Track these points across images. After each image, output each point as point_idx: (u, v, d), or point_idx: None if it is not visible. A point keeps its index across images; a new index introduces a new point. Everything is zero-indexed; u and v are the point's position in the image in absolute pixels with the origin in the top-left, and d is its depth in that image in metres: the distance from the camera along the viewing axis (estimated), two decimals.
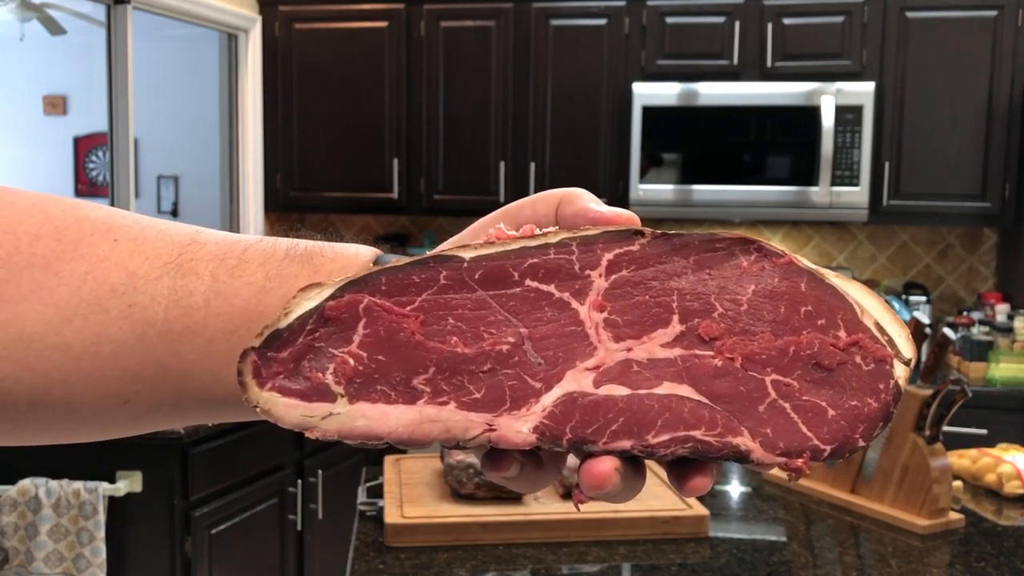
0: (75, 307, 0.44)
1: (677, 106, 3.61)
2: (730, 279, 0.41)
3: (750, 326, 0.41)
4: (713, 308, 0.41)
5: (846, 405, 0.40)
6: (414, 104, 3.86)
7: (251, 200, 3.98)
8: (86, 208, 0.47)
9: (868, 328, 0.41)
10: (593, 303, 0.41)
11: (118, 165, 3.32)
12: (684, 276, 0.41)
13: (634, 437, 0.40)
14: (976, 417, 2.96)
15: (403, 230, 4.30)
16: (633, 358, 0.40)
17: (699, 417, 0.40)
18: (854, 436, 0.40)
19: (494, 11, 3.76)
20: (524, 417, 0.40)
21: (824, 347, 0.41)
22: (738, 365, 0.40)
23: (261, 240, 0.48)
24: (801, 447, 0.40)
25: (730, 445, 0.40)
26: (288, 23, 3.93)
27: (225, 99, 3.99)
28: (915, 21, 3.53)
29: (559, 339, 0.40)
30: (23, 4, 4.31)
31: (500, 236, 0.42)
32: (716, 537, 1.69)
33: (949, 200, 3.56)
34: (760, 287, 0.41)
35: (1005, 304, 3.57)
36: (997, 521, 1.83)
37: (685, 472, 0.42)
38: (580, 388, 0.40)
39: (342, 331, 0.40)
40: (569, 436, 0.40)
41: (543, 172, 3.78)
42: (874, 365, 0.41)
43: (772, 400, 0.40)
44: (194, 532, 2.65)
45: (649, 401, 0.40)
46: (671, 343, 0.41)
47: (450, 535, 1.63)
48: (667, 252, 0.41)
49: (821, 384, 0.40)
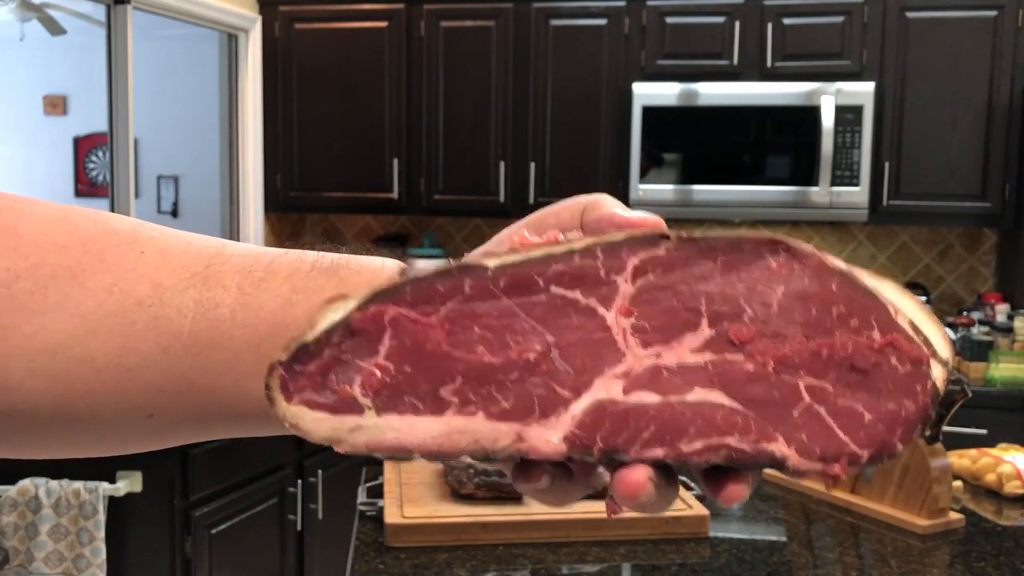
0: (100, 319, 0.44)
1: (677, 106, 3.61)
2: (759, 281, 0.40)
3: (781, 329, 0.40)
4: (743, 311, 0.40)
5: (883, 408, 0.39)
6: (414, 104, 3.86)
7: (251, 200, 3.98)
8: (112, 219, 0.47)
9: (903, 328, 0.40)
10: (620, 309, 0.40)
11: (118, 165, 3.32)
12: (712, 279, 0.40)
13: (667, 445, 0.39)
14: (976, 417, 2.96)
15: (403, 230, 4.30)
16: (663, 364, 0.40)
17: (732, 423, 0.39)
18: (892, 440, 0.39)
19: (494, 11, 3.76)
20: (554, 426, 0.39)
21: (858, 349, 0.40)
22: (770, 369, 0.39)
23: (287, 253, 0.48)
24: (838, 452, 0.39)
25: (765, 452, 0.39)
26: (288, 23, 3.93)
27: (225, 99, 3.99)
28: (915, 21, 3.53)
29: (587, 346, 0.40)
30: (23, 4, 4.31)
31: (524, 243, 0.42)
32: (716, 537, 1.69)
33: (949, 200, 3.56)
34: (790, 288, 0.40)
35: (1005, 304, 3.57)
36: (997, 521, 1.83)
37: (720, 481, 0.41)
38: (610, 396, 0.39)
39: (369, 343, 0.39)
40: (600, 445, 0.39)
41: (543, 172, 3.78)
42: (910, 366, 0.40)
43: (807, 404, 0.39)
44: (194, 532, 2.65)
45: (681, 408, 0.39)
46: (701, 348, 0.40)
47: (450, 535, 1.63)
48: (694, 255, 0.40)
49: (856, 387, 0.39)
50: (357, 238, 4.37)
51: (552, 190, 3.75)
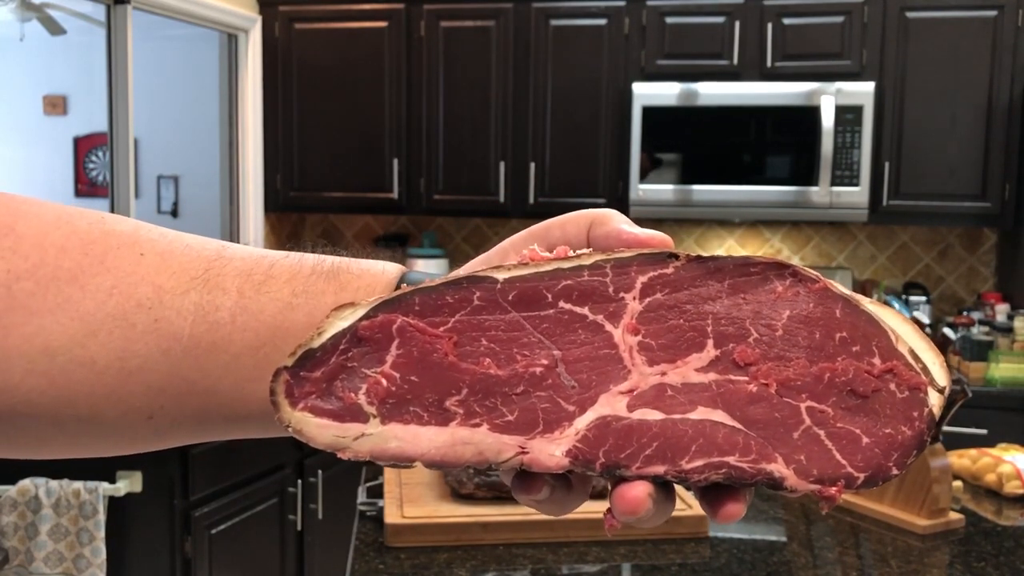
0: (101, 321, 0.44)
1: (677, 106, 3.61)
2: (765, 304, 0.41)
3: (785, 352, 0.41)
4: (748, 333, 0.41)
5: (880, 433, 0.40)
6: (414, 104, 3.86)
7: (251, 200, 3.98)
8: (112, 221, 0.47)
9: (903, 355, 0.41)
10: (627, 326, 0.41)
11: (118, 165, 3.32)
12: (719, 300, 0.41)
13: (668, 462, 0.39)
14: (976, 417, 2.96)
15: (403, 230, 4.30)
16: (667, 382, 0.40)
17: (733, 443, 0.40)
18: (887, 464, 0.40)
19: (494, 11, 3.76)
20: (557, 440, 0.39)
21: (859, 374, 0.40)
22: (773, 391, 0.40)
23: (288, 256, 0.48)
24: (835, 475, 0.40)
25: (764, 471, 0.40)
26: (288, 23, 3.93)
27: (225, 99, 3.99)
28: (915, 21, 3.53)
29: (593, 362, 0.40)
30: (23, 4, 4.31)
31: (534, 257, 0.42)
32: (716, 537, 1.69)
33: (949, 200, 3.56)
34: (795, 312, 0.41)
35: (1005, 304, 3.57)
36: (997, 521, 1.83)
37: (718, 498, 0.41)
38: (614, 412, 0.40)
39: (375, 351, 0.40)
40: (602, 460, 0.39)
41: (543, 172, 3.78)
42: (908, 393, 0.41)
43: (807, 427, 0.40)
44: (194, 532, 2.65)
45: (683, 426, 0.40)
46: (706, 368, 0.40)
47: (450, 535, 1.63)
48: (702, 275, 0.41)
49: (855, 411, 0.40)
50: (357, 238, 4.37)
51: (552, 190, 3.75)
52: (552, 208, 3.79)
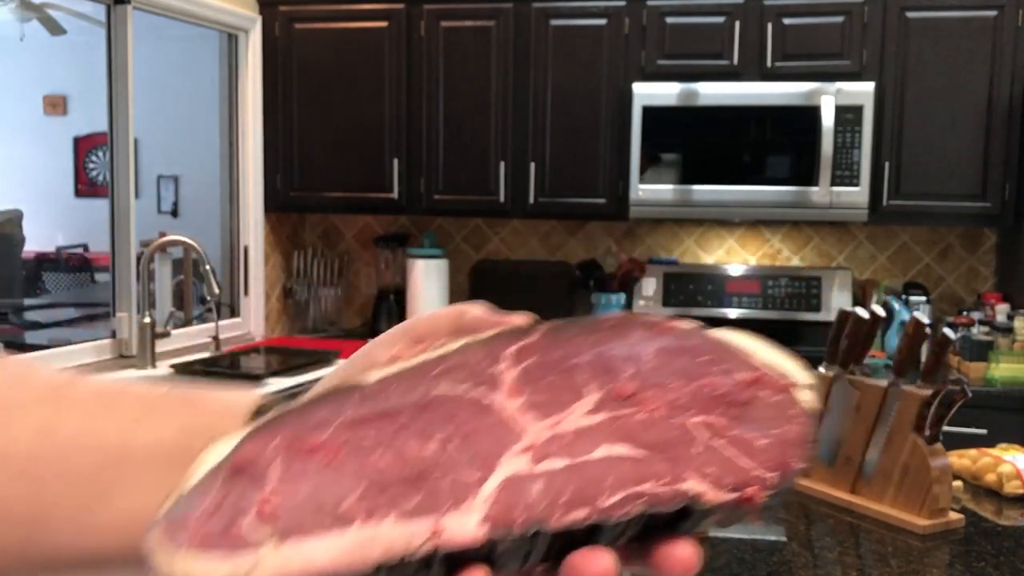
0: None
1: (677, 106, 3.61)
2: (630, 345, 0.43)
3: (661, 380, 0.42)
4: (622, 371, 0.42)
5: (770, 434, 0.41)
6: (414, 104, 3.86)
7: (251, 200, 3.98)
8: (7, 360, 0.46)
9: (763, 366, 0.43)
10: (508, 391, 0.41)
11: (118, 165, 3.33)
12: (587, 352, 0.43)
13: (587, 504, 0.38)
14: (976, 417, 2.96)
15: (403, 230, 4.30)
16: (563, 431, 0.40)
17: (643, 471, 0.39)
18: (789, 460, 0.41)
19: (494, 11, 3.76)
20: (469, 510, 0.37)
21: (733, 386, 0.42)
22: (662, 414, 0.41)
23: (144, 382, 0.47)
24: (747, 479, 0.40)
25: (681, 492, 0.39)
26: (288, 23, 3.93)
27: (225, 99, 3.99)
28: (915, 21, 3.53)
29: (484, 432, 0.40)
30: (23, 4, 4.31)
31: (401, 355, 0.42)
32: (716, 537, 1.68)
33: (949, 200, 3.56)
34: (659, 347, 0.43)
35: (1005, 304, 3.57)
36: (997, 521, 1.83)
37: (662, 548, 0.38)
38: (519, 470, 0.39)
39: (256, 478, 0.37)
40: (522, 519, 0.37)
41: (543, 172, 3.78)
42: (780, 396, 0.42)
43: (704, 440, 0.41)
44: None
45: (591, 466, 0.39)
46: (593, 409, 0.41)
47: None
48: (565, 337, 0.43)
49: (741, 419, 0.41)
50: (357, 238, 4.37)
51: (552, 190, 3.75)
52: (552, 208, 3.79)
